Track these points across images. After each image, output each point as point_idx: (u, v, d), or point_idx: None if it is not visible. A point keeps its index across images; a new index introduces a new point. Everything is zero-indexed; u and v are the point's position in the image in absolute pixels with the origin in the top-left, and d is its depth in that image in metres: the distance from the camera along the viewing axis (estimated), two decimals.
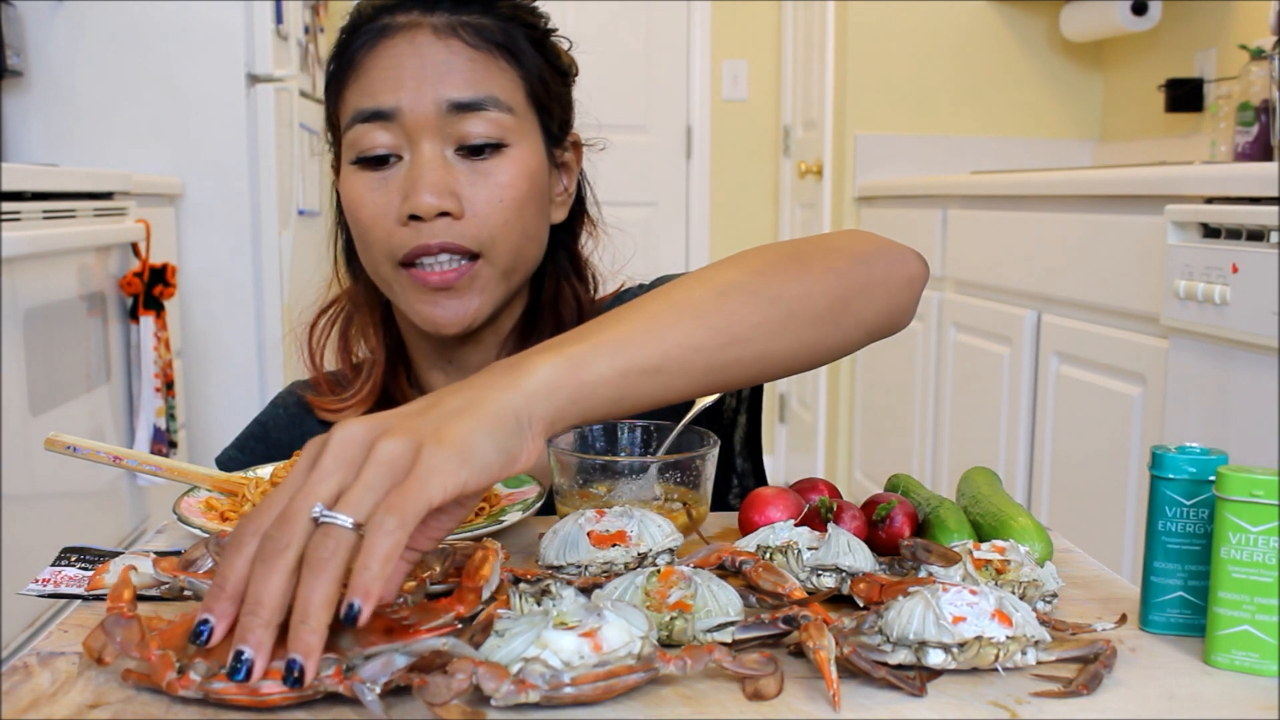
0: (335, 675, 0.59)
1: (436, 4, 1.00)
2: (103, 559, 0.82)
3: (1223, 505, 0.67)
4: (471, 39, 0.99)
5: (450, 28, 0.99)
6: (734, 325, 0.75)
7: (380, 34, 1.00)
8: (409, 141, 0.98)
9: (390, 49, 0.99)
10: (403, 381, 1.10)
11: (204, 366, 3.06)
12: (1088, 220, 2.22)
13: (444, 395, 0.65)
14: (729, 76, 4.42)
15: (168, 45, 2.94)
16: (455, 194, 0.97)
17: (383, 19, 1.01)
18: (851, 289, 0.83)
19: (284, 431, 1.12)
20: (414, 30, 0.99)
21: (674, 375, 0.73)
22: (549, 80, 1.04)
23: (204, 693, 0.59)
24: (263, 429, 1.14)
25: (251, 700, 0.59)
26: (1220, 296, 1.73)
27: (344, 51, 1.03)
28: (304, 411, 1.13)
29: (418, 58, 0.98)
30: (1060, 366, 2.34)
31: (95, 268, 2.40)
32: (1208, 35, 3.04)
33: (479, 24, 1.00)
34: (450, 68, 0.97)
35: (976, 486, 0.91)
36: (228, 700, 0.59)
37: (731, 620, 0.67)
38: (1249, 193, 1.73)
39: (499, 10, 1.01)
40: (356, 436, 0.61)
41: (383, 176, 0.99)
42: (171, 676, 0.60)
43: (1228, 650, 0.67)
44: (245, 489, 0.91)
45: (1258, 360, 1.69)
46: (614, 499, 0.88)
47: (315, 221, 3.68)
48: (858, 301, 0.83)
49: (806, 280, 0.80)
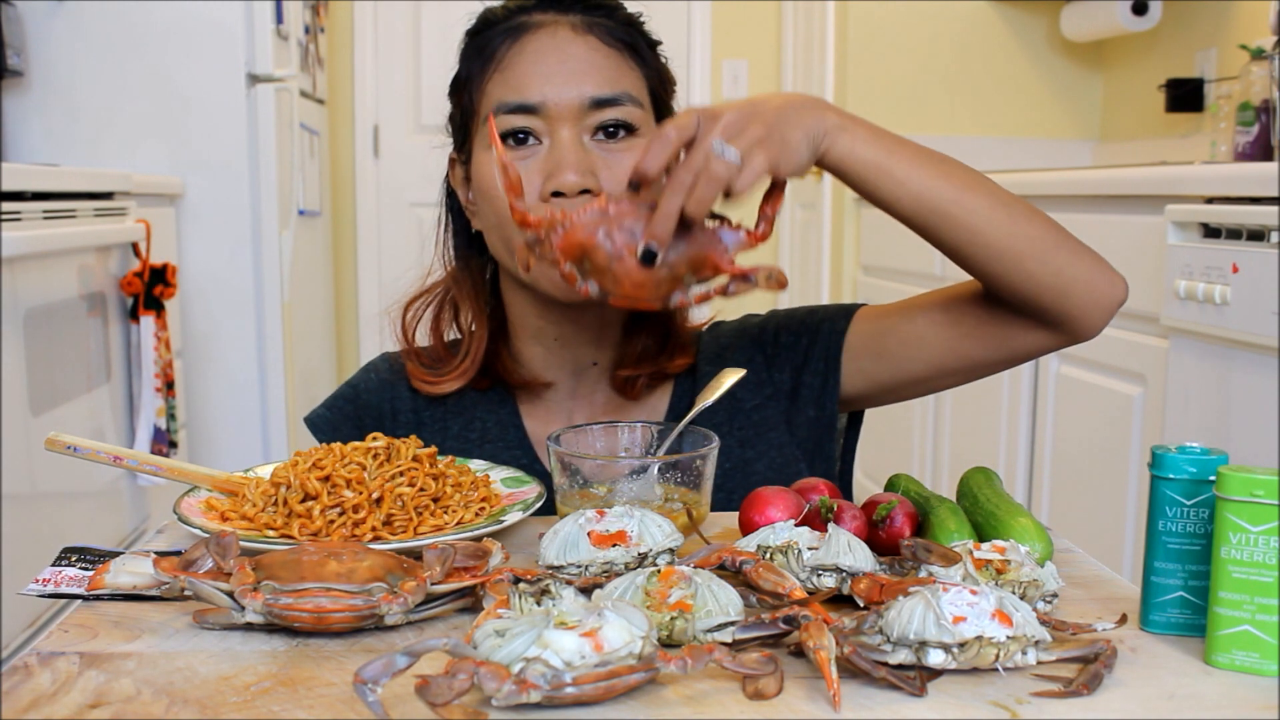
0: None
1: (570, 6, 1.09)
2: (103, 559, 0.82)
3: (1223, 505, 0.67)
4: (605, 38, 1.07)
5: (587, 26, 1.07)
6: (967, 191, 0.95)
7: (520, 30, 1.07)
8: (549, 129, 1.04)
9: (533, 44, 1.06)
10: (504, 357, 1.15)
11: (204, 366, 3.06)
12: (1088, 220, 2.22)
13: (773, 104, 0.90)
14: (729, 76, 4.42)
15: (168, 45, 2.94)
16: (594, 173, 1.03)
17: (519, 17, 1.08)
18: (1065, 243, 0.97)
19: (374, 394, 1.17)
20: (554, 27, 1.07)
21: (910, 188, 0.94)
22: (664, 83, 1.13)
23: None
24: (354, 391, 1.19)
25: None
26: (1220, 296, 1.73)
27: (483, 49, 1.09)
28: (396, 378, 1.18)
29: (560, 53, 1.05)
30: (1060, 366, 2.34)
31: (95, 268, 2.40)
32: (1208, 35, 3.04)
33: (608, 24, 1.09)
34: (590, 64, 1.05)
35: (976, 486, 0.91)
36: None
37: (732, 620, 0.68)
38: (1249, 193, 1.73)
39: (620, 15, 1.11)
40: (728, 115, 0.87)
41: (522, 156, 1.04)
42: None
43: (1228, 650, 0.67)
44: (245, 489, 0.91)
45: (1258, 360, 1.69)
46: (614, 499, 0.88)
47: (315, 221, 3.68)
48: (1067, 254, 0.97)
49: (1032, 213, 0.97)
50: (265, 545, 0.81)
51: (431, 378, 1.15)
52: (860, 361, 1.11)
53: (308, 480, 0.87)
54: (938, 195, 0.94)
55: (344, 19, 4.26)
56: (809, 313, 1.16)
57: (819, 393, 1.12)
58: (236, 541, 0.74)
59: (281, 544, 0.82)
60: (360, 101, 4.31)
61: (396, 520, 0.86)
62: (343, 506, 0.86)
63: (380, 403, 1.17)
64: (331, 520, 0.85)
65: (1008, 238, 0.95)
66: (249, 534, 0.84)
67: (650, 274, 0.87)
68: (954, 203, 0.94)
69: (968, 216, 0.94)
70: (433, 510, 0.87)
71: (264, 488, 0.90)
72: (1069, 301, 0.98)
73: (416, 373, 1.16)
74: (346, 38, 4.28)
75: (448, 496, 0.89)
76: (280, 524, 0.85)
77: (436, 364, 1.16)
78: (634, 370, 1.12)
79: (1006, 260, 0.96)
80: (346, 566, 0.71)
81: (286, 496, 0.87)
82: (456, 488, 0.90)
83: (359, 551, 0.73)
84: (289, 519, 0.85)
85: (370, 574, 0.71)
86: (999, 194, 0.96)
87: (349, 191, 4.34)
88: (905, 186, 0.94)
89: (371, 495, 0.86)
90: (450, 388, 1.14)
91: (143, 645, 0.69)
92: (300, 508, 0.86)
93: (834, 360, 1.11)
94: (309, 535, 0.84)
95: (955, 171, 0.96)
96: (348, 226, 4.34)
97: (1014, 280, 0.97)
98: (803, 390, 1.13)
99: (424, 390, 1.15)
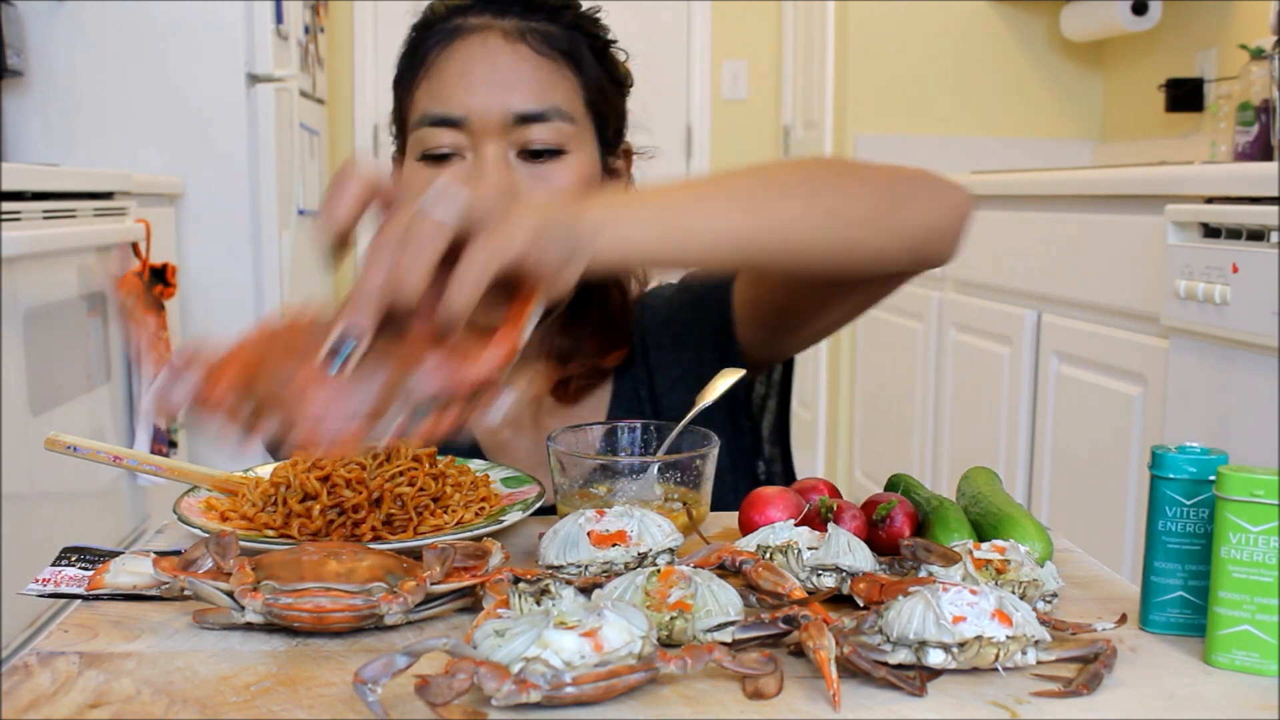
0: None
1: (508, 9, 1.04)
2: (103, 559, 0.82)
3: (1223, 505, 0.67)
4: (538, 45, 1.03)
5: (519, 33, 1.03)
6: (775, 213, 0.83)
7: (453, 35, 1.04)
8: (473, 143, 1.01)
9: (462, 51, 1.03)
10: None
11: None
12: (1088, 220, 2.22)
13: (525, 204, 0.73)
14: (729, 76, 4.42)
15: (168, 45, 2.94)
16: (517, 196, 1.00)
17: (455, 20, 1.05)
18: (894, 199, 0.89)
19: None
20: (485, 33, 1.03)
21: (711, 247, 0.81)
22: (607, 90, 1.09)
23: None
24: None
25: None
26: (1220, 296, 1.73)
27: (416, 49, 1.06)
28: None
29: (488, 62, 1.01)
30: (1060, 366, 2.34)
31: (95, 268, 2.40)
32: (1208, 35, 3.04)
33: (546, 31, 1.04)
34: (518, 76, 1.01)
35: (976, 486, 0.91)
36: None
37: (731, 620, 0.68)
38: (1249, 193, 1.73)
39: (564, 19, 1.06)
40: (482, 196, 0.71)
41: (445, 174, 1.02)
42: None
43: (1228, 650, 0.67)
44: (245, 489, 0.91)
45: (1258, 360, 1.69)
46: (614, 499, 0.88)
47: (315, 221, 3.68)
48: (899, 212, 0.89)
49: (850, 185, 0.87)
50: (265, 545, 0.81)
51: None
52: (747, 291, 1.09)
53: (307, 480, 0.87)
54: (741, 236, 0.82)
55: (344, 19, 4.26)
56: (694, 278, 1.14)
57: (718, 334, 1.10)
58: (236, 541, 0.74)
59: (281, 544, 0.82)
60: (360, 101, 4.31)
61: (396, 520, 0.86)
62: (342, 506, 0.86)
63: None
64: (331, 520, 0.85)
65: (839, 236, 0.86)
66: (249, 534, 0.84)
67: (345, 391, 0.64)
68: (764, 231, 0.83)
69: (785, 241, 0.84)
70: (432, 510, 0.87)
71: (263, 488, 0.90)
72: (924, 248, 0.93)
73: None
74: (346, 38, 4.28)
75: (447, 496, 0.89)
76: (280, 524, 0.85)
77: None
78: (562, 371, 1.09)
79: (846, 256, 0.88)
80: (346, 566, 0.71)
81: (286, 496, 0.87)
82: (456, 488, 0.90)
83: (359, 551, 0.73)
84: (288, 519, 0.85)
85: (370, 574, 0.71)
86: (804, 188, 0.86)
87: None
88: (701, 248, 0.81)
89: (371, 495, 0.86)
90: None
91: (143, 645, 0.69)
92: (300, 508, 0.86)
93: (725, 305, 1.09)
94: (308, 535, 0.84)
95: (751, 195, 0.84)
96: None
97: (864, 266, 0.91)
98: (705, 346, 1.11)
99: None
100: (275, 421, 0.63)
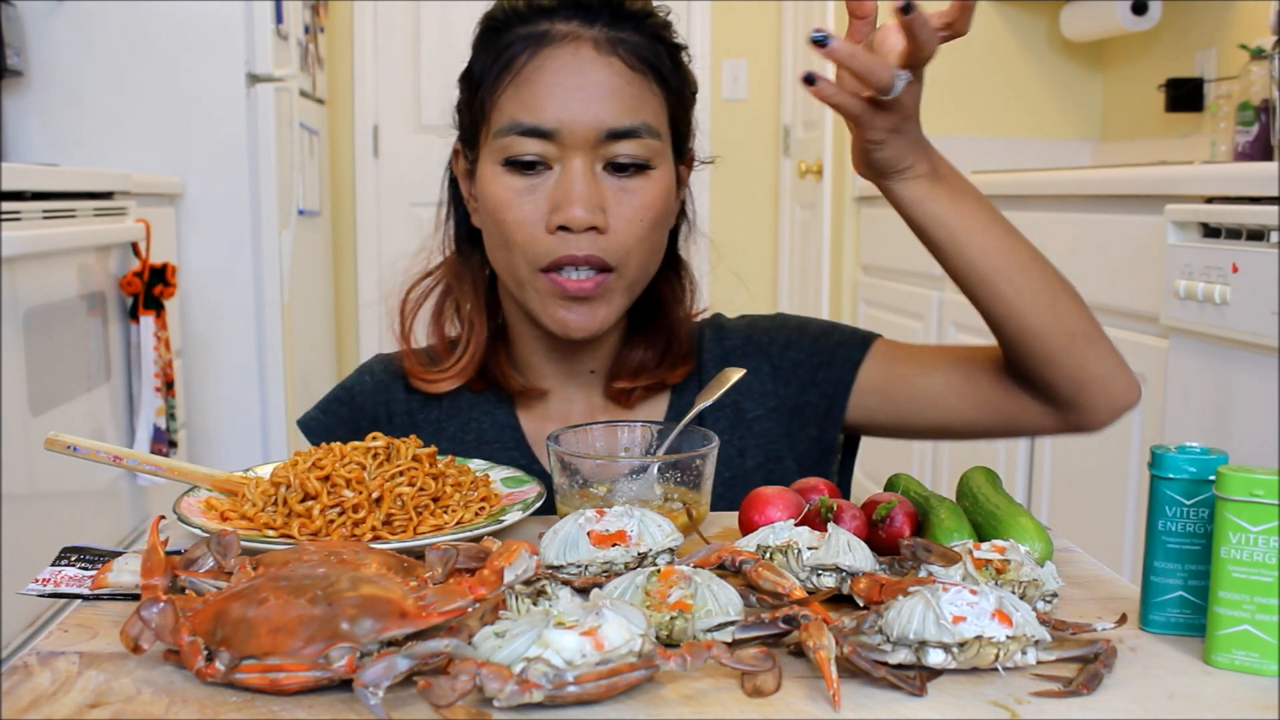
0: (348, 664, 0.61)
1: (595, 16, 1.03)
2: (103, 559, 0.82)
3: (1223, 505, 0.67)
4: (629, 59, 1.03)
5: (610, 44, 1.02)
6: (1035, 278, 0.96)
7: (541, 41, 1.02)
8: (561, 154, 1.01)
9: (553, 61, 1.01)
10: (502, 361, 1.14)
11: (204, 366, 3.06)
12: (1088, 220, 2.22)
13: None
14: (729, 76, 4.42)
15: (168, 45, 2.94)
16: (604, 210, 1.01)
17: (541, 24, 1.03)
18: (1098, 342, 0.99)
19: (369, 397, 1.16)
20: (576, 43, 1.02)
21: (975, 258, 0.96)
22: (686, 101, 1.10)
23: (228, 680, 0.62)
24: (348, 394, 1.17)
25: (271, 686, 0.61)
26: (1220, 296, 1.73)
27: (501, 51, 1.04)
28: (391, 379, 1.16)
29: (580, 76, 1.01)
30: None
31: (95, 268, 2.40)
32: (1208, 35, 3.04)
33: (634, 41, 1.03)
34: (610, 91, 1.01)
35: (976, 486, 0.91)
36: (250, 685, 0.62)
37: (731, 620, 0.68)
38: (1249, 192, 1.73)
39: (648, 27, 1.05)
40: None
41: (531, 184, 1.02)
42: (200, 664, 0.63)
43: (1228, 650, 0.67)
44: (245, 489, 0.91)
45: (1258, 360, 1.69)
46: (614, 499, 0.88)
47: (315, 221, 3.68)
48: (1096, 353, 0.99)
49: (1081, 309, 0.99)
50: (265, 545, 0.81)
51: (429, 375, 1.13)
52: (868, 399, 1.10)
53: (307, 480, 0.87)
54: (993, 268, 0.95)
55: (344, 19, 4.26)
56: (823, 332, 1.14)
57: (823, 415, 1.11)
58: (237, 541, 0.74)
59: (281, 544, 0.82)
60: (360, 101, 4.31)
61: (396, 520, 0.86)
62: (342, 506, 0.86)
63: (375, 405, 1.15)
64: (331, 520, 0.85)
65: (1048, 325, 0.96)
66: (249, 534, 0.84)
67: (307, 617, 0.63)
68: (1007, 279, 0.95)
69: (1015, 296, 0.95)
70: (432, 510, 0.87)
71: (264, 487, 0.90)
72: (1085, 395, 1.00)
73: (414, 370, 1.14)
74: (346, 38, 4.28)
75: (447, 496, 0.89)
76: (280, 524, 0.85)
77: (435, 360, 1.15)
78: (630, 382, 1.11)
79: (1037, 344, 0.97)
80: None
81: (286, 496, 0.87)
82: (456, 487, 0.90)
83: (359, 551, 0.73)
84: (289, 519, 0.85)
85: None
86: (1050, 278, 0.97)
87: (349, 191, 4.34)
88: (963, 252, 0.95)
89: (371, 495, 0.86)
90: (448, 386, 1.12)
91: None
92: (300, 507, 0.86)
93: (844, 389, 1.10)
94: (309, 535, 0.84)
95: (1017, 246, 0.96)
96: (347, 226, 4.34)
97: (1039, 363, 0.98)
98: (807, 409, 1.12)
99: (421, 388, 1.13)
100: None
